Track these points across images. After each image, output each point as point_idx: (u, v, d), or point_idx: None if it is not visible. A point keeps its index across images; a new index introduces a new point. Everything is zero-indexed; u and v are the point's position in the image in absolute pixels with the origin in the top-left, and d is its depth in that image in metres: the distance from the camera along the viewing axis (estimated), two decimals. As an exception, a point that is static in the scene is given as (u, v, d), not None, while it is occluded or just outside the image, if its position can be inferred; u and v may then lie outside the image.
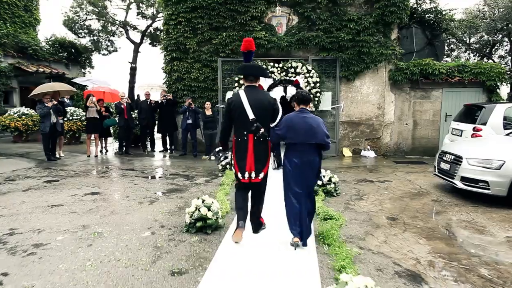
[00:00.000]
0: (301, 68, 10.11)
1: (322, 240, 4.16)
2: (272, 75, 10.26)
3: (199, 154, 10.61)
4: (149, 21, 17.10)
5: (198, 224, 4.38)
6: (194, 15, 10.71)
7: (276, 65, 10.23)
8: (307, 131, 3.79)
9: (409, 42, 11.21)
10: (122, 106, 10.47)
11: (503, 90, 10.68)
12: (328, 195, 6.23)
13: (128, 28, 17.23)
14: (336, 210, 5.35)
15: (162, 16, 14.31)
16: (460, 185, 6.00)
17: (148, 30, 17.30)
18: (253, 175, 3.94)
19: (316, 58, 10.59)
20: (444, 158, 6.52)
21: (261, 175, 3.98)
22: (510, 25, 11.99)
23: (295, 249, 3.88)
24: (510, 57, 13.10)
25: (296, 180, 3.89)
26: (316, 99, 10.12)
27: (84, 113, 11.17)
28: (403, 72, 10.22)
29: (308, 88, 10.11)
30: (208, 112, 10.23)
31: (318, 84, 10.11)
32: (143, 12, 17.31)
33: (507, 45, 13.72)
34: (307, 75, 10.12)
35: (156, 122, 11.53)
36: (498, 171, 5.55)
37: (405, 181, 7.47)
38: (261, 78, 4.21)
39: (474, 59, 15.07)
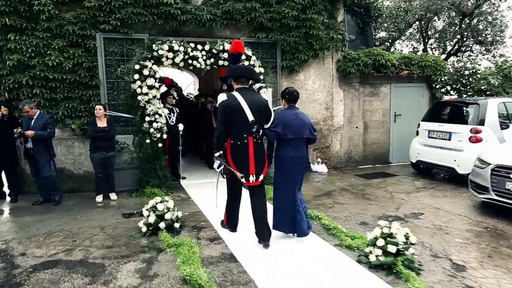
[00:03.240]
0: (238, 52, 6.84)
1: None
2: (195, 62, 6.63)
3: (72, 197, 6.07)
4: None
5: None
6: (46, -47, 6.05)
7: (200, 47, 6.65)
8: (300, 126, 4.03)
9: (340, 30, 9.37)
10: None
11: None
12: (412, 270, 3.33)
13: None
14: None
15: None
16: None
17: None
18: (254, 178, 3.89)
19: (250, 40, 7.49)
20: (516, 176, 4.53)
21: (261, 177, 3.98)
22: (425, 16, 11.69)
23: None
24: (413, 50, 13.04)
25: (292, 173, 4.07)
26: (260, 98, 7.03)
27: None
28: (355, 63, 8.20)
29: (249, 81, 6.90)
30: (102, 123, 5.89)
31: (261, 77, 7.04)
32: None
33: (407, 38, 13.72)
34: (246, 63, 6.92)
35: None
36: None
37: (436, 211, 5.26)
38: None
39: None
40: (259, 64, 6.99)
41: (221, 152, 3.87)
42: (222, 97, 3.93)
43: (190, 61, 6.58)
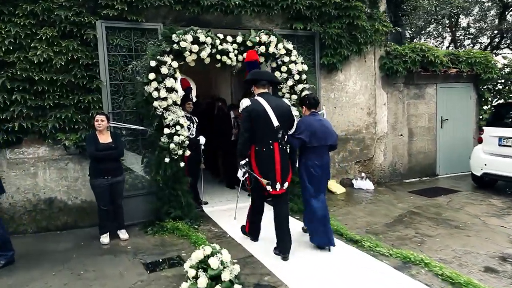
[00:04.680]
0: (276, 46, 5.47)
1: None
2: (224, 57, 5.22)
3: (67, 237, 4.52)
4: None
5: None
6: None
7: (230, 38, 5.25)
8: (325, 133, 3.96)
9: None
10: None
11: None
12: None
13: None
14: None
15: None
16: None
17: None
18: (279, 186, 3.78)
19: (284, 32, 6.12)
20: None
21: (286, 185, 3.85)
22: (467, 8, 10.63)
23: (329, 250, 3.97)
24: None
25: (320, 182, 4.00)
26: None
27: None
28: (402, 60, 6.98)
29: (290, 82, 5.55)
30: (105, 138, 4.44)
31: (304, 76, 5.69)
32: None
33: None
34: (286, 59, 5.56)
35: None
36: None
37: None
38: None
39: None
40: (301, 60, 5.64)
41: (247, 160, 3.79)
42: (245, 102, 3.78)
43: (218, 56, 5.16)
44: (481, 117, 8.10)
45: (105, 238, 4.60)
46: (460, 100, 7.93)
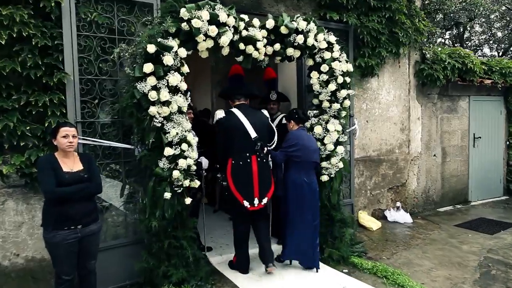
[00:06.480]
0: (316, 36, 4.03)
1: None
2: (249, 48, 3.68)
3: None
4: None
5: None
6: None
7: (257, 22, 3.73)
8: (313, 149, 3.82)
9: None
10: None
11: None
12: None
13: None
14: None
15: None
16: None
17: None
18: (257, 201, 3.53)
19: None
20: None
21: (265, 200, 3.62)
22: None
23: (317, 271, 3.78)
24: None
25: (308, 200, 3.75)
26: (344, 113, 4.27)
27: None
28: (441, 67, 5.84)
29: (332, 86, 4.10)
30: (73, 164, 2.82)
31: (348, 79, 4.27)
32: None
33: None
34: (327, 55, 4.12)
35: None
36: None
37: None
38: None
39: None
40: (345, 58, 4.24)
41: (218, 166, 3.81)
42: (219, 113, 3.68)
43: (242, 46, 3.62)
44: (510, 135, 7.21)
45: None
46: (490, 115, 6.99)
